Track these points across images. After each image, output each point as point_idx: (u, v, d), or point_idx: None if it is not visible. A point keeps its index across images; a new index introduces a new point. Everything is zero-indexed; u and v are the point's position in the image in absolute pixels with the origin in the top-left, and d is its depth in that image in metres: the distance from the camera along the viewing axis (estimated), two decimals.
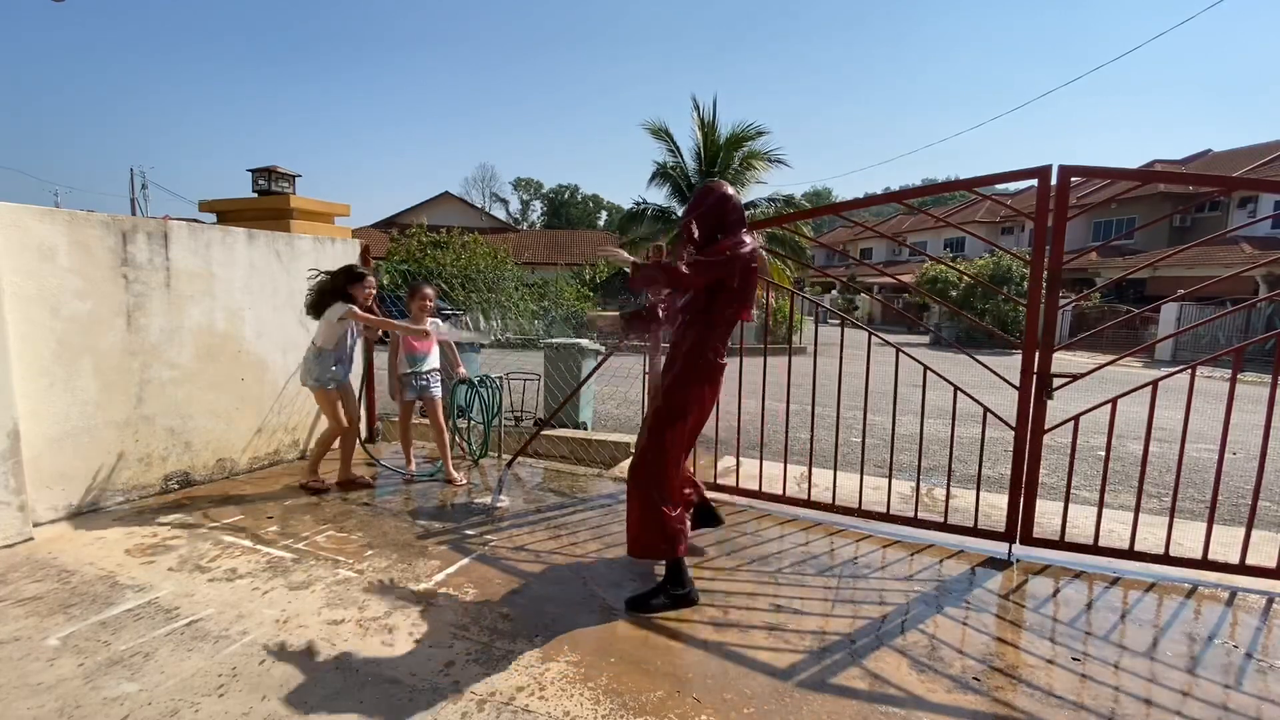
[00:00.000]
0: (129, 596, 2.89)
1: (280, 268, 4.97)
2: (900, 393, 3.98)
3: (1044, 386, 3.38)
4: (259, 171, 5.80)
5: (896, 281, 8.59)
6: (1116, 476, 5.92)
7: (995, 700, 2.30)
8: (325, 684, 2.29)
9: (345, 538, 3.63)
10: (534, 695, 2.26)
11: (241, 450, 4.80)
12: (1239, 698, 2.34)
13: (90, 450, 3.89)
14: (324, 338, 4.25)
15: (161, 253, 4.19)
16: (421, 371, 4.68)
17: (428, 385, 4.69)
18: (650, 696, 2.27)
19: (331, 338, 4.26)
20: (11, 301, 3.44)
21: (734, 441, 4.48)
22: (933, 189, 5.44)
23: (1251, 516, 3.20)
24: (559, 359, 6.95)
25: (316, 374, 4.26)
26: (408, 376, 4.67)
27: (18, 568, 3.15)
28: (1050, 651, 2.63)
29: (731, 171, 19.67)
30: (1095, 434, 6.97)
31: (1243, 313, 18.36)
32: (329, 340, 4.25)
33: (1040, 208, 3.33)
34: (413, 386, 4.68)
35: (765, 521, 4.05)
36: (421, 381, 4.68)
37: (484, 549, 3.53)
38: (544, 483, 4.79)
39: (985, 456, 3.83)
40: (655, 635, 2.69)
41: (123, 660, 2.40)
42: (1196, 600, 3.11)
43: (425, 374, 4.69)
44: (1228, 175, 12.24)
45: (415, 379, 4.67)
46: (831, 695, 2.31)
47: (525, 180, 77.03)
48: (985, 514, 3.81)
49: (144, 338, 4.12)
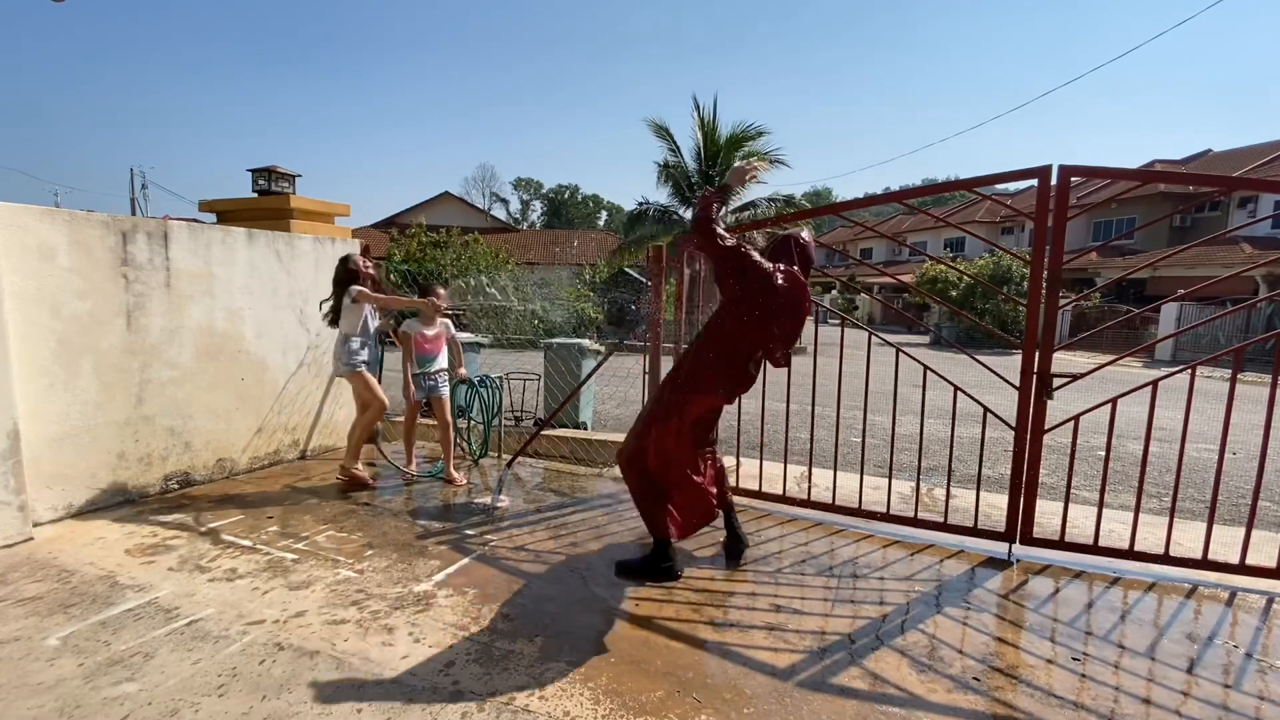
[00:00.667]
0: (129, 596, 2.89)
1: (280, 268, 4.97)
2: (900, 393, 3.98)
3: (1044, 386, 3.38)
4: (259, 171, 5.80)
5: (896, 281, 8.59)
6: (1116, 476, 5.92)
7: (995, 700, 2.30)
8: (325, 684, 2.29)
9: (345, 538, 3.63)
10: (534, 695, 2.26)
11: (241, 450, 4.80)
12: (1239, 698, 2.34)
13: (90, 450, 3.89)
14: (345, 323, 4.45)
15: (161, 253, 4.19)
16: (430, 371, 4.71)
17: (436, 384, 4.74)
18: (650, 696, 2.27)
19: (354, 322, 4.45)
20: (11, 301, 3.44)
21: (734, 441, 4.48)
22: (933, 189, 5.44)
23: (1251, 516, 3.20)
24: (559, 359, 6.95)
25: (346, 359, 4.44)
26: (417, 377, 4.69)
27: (18, 568, 3.15)
28: (1050, 651, 2.62)
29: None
30: (1095, 434, 6.97)
31: (1242, 313, 18.36)
32: (352, 325, 4.45)
33: (1040, 208, 3.33)
34: (422, 386, 4.71)
35: (765, 521, 4.05)
36: (430, 381, 4.72)
37: (484, 549, 3.53)
38: (544, 483, 4.79)
39: (985, 456, 3.83)
40: (655, 635, 2.69)
41: (123, 660, 2.40)
42: (1196, 600, 3.11)
43: (434, 374, 4.73)
44: (1228, 175, 12.24)
45: (424, 379, 4.70)
46: (831, 695, 2.31)
47: (525, 180, 77.07)
48: (985, 514, 3.81)
49: (144, 338, 4.12)
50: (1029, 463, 3.48)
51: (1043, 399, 3.39)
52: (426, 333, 4.69)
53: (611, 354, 5.51)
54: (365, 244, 5.70)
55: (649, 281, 4.57)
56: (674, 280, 4.74)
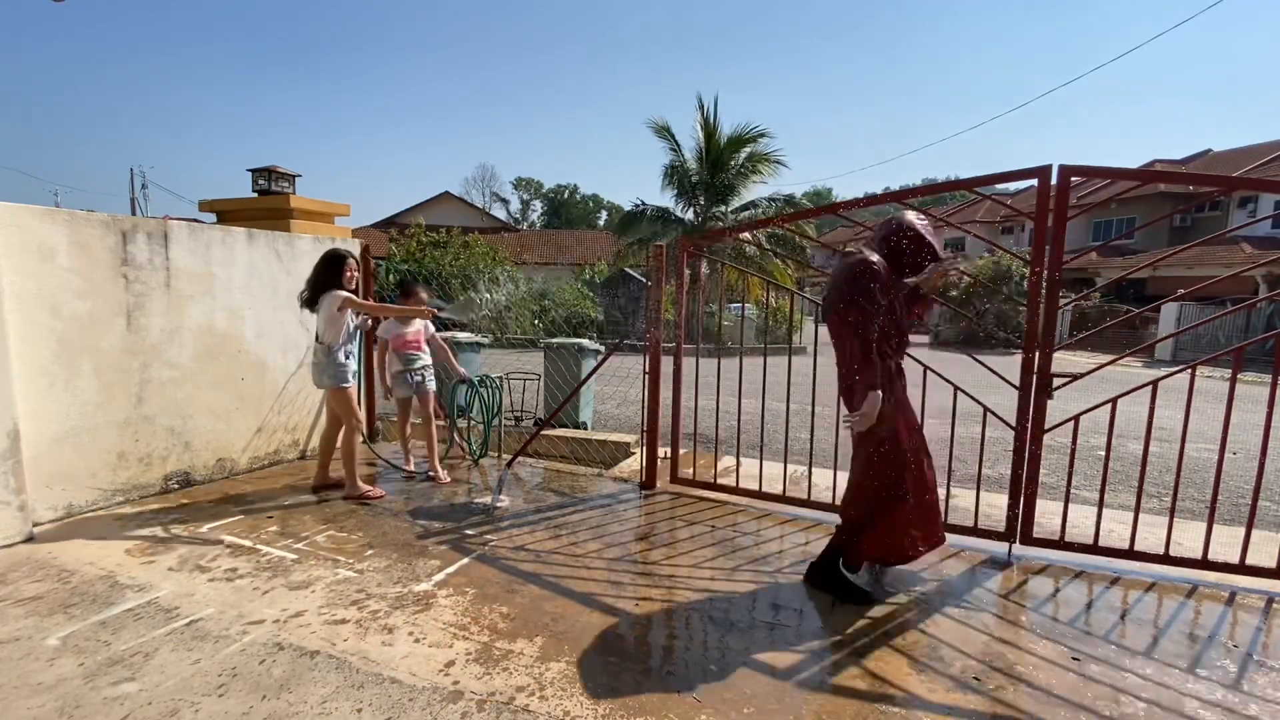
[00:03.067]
0: (129, 596, 2.89)
1: (280, 268, 4.97)
2: None
3: (1044, 386, 3.38)
4: (259, 171, 5.80)
5: None
6: (1116, 476, 5.92)
7: (995, 700, 2.30)
8: (325, 684, 2.29)
9: (345, 538, 3.63)
10: (534, 695, 2.26)
11: (241, 450, 4.80)
12: (1239, 697, 2.34)
13: (90, 450, 3.89)
14: (329, 334, 4.12)
15: (161, 252, 4.19)
16: (415, 368, 4.74)
17: (423, 380, 4.77)
18: (650, 696, 2.27)
19: (338, 331, 4.13)
20: (11, 301, 3.44)
21: (734, 441, 4.47)
22: (933, 189, 5.44)
23: (1252, 516, 3.20)
24: (559, 359, 6.95)
25: (332, 373, 4.15)
26: (402, 374, 4.71)
27: (18, 567, 3.15)
28: (1050, 651, 2.62)
29: (732, 172, 19.71)
30: (1095, 434, 6.96)
31: (1242, 313, 18.36)
32: (336, 335, 4.12)
33: (1040, 208, 3.32)
34: (407, 383, 4.73)
35: (765, 521, 4.05)
36: (416, 378, 4.75)
37: (484, 549, 3.52)
38: (544, 483, 4.79)
39: (985, 456, 3.83)
40: (655, 635, 2.70)
41: (123, 660, 2.40)
42: (1197, 600, 3.11)
43: (419, 369, 4.76)
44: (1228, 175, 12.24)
45: (410, 375, 4.72)
46: (831, 695, 2.31)
47: (525, 180, 77.00)
48: (985, 514, 3.81)
49: (144, 338, 4.11)
50: (1029, 463, 3.48)
51: (1043, 399, 3.39)
52: (405, 332, 4.70)
53: (611, 354, 5.51)
54: (365, 244, 5.70)
55: (649, 281, 4.56)
56: (674, 280, 4.74)
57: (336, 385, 4.18)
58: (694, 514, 4.16)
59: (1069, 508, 3.55)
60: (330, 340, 4.14)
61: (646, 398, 4.62)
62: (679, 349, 4.58)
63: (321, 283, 4.15)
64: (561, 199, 76.84)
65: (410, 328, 4.74)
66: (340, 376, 4.17)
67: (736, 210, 20.04)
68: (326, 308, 4.10)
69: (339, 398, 4.22)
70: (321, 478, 4.47)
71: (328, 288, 4.12)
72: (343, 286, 4.14)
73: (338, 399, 4.24)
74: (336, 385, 4.18)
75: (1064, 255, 3.34)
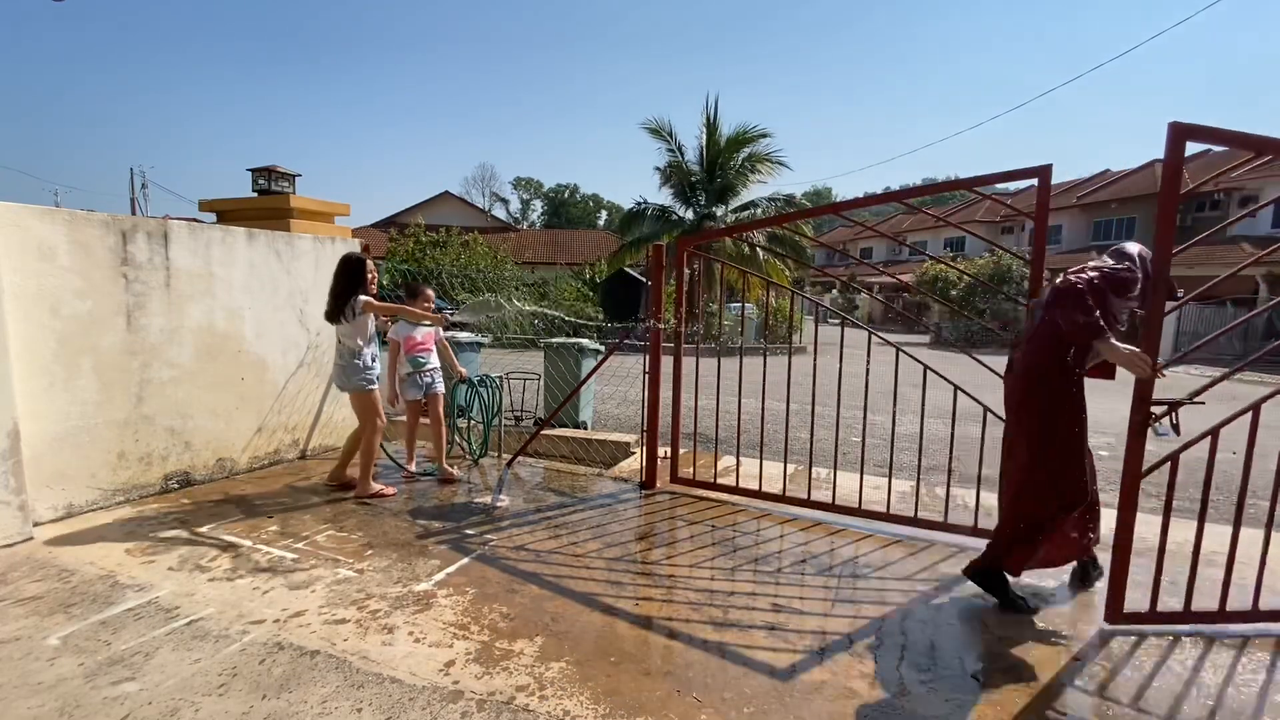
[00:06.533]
0: (129, 596, 2.89)
1: (280, 267, 4.97)
2: (900, 392, 3.98)
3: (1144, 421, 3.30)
4: (259, 171, 5.79)
5: (897, 281, 8.60)
6: (1110, 474, 5.91)
7: (995, 700, 2.30)
8: (325, 684, 2.29)
9: (345, 537, 3.63)
10: (534, 695, 2.26)
11: (241, 450, 4.80)
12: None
13: (90, 450, 3.89)
14: (353, 337, 4.15)
15: (161, 252, 4.19)
16: (425, 369, 4.74)
17: (433, 382, 4.78)
18: (650, 696, 2.27)
19: (363, 333, 4.17)
20: (11, 301, 3.44)
21: (734, 441, 4.47)
22: (933, 189, 5.45)
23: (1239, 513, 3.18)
24: (559, 359, 6.95)
25: (358, 375, 4.17)
26: (412, 376, 4.71)
27: (18, 567, 3.15)
28: (1051, 651, 2.63)
29: (733, 172, 19.73)
30: (1095, 434, 6.95)
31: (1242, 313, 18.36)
32: (360, 337, 4.16)
33: (1040, 207, 3.32)
34: (418, 385, 4.73)
35: (765, 521, 4.05)
36: (426, 379, 4.75)
37: (484, 549, 3.53)
38: (544, 482, 4.79)
39: (985, 456, 3.83)
40: (655, 635, 2.70)
41: (123, 660, 2.40)
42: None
43: (429, 371, 4.76)
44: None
45: (420, 377, 4.72)
46: (832, 695, 2.31)
47: (525, 180, 76.98)
48: (985, 514, 3.81)
49: (144, 337, 4.11)
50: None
51: (1142, 441, 3.31)
52: (416, 334, 4.71)
53: (611, 354, 5.51)
54: (365, 243, 5.70)
55: (649, 281, 4.56)
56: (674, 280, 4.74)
57: (358, 388, 4.22)
58: (694, 514, 4.16)
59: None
60: (353, 344, 4.17)
61: (646, 397, 4.62)
62: (679, 349, 4.58)
63: (345, 291, 4.12)
64: (561, 199, 76.83)
65: (421, 329, 4.74)
66: (364, 379, 4.21)
67: (736, 210, 20.07)
68: (352, 311, 4.11)
69: (364, 400, 4.27)
70: (339, 475, 4.51)
71: (351, 294, 4.12)
72: (366, 291, 4.16)
73: (362, 402, 4.28)
74: (358, 388, 4.22)
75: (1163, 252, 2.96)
